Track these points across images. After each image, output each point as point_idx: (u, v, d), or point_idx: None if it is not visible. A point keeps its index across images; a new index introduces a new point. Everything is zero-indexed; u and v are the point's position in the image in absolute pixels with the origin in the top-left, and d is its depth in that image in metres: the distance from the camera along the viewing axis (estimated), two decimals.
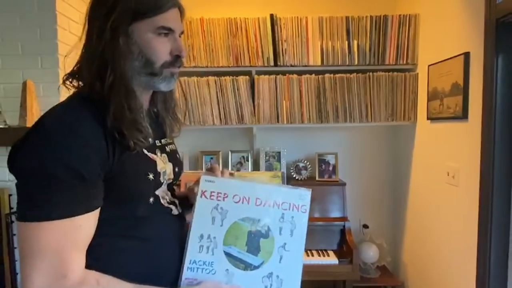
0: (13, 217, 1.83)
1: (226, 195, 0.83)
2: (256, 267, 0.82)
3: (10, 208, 1.84)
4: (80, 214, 0.66)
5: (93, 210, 0.68)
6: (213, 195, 0.83)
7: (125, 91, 0.73)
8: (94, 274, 0.68)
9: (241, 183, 0.86)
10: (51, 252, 0.63)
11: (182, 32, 0.82)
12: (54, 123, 0.68)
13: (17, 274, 1.85)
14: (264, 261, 0.82)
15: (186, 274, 0.80)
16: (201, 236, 0.82)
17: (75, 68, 0.77)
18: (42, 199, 0.64)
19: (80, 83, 0.77)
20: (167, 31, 0.76)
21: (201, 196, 0.83)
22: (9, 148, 1.84)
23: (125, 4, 0.72)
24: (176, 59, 0.78)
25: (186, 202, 0.92)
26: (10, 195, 1.85)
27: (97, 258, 0.71)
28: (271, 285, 0.82)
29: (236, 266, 0.81)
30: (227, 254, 0.82)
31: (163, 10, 0.75)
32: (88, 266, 0.69)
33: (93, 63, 0.73)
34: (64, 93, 1.95)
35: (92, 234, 0.69)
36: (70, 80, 0.77)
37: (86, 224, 0.68)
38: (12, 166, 0.68)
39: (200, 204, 0.83)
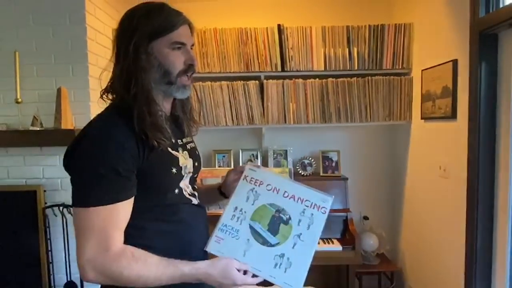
0: (47, 211, 2.01)
1: (262, 183, 1.01)
2: (272, 245, 0.94)
3: (45, 202, 2.03)
4: (118, 201, 0.82)
5: (128, 199, 0.85)
6: (252, 181, 1.02)
7: (146, 100, 0.87)
8: (130, 248, 0.84)
9: (276, 177, 1.03)
10: (97, 230, 0.81)
11: (193, 44, 0.96)
12: (96, 132, 0.86)
13: (52, 262, 2.04)
14: (279, 242, 0.94)
15: (217, 232, 0.96)
16: (236, 208, 0.99)
17: (108, 84, 0.94)
18: (89, 190, 0.82)
19: (114, 95, 0.94)
20: (180, 45, 0.91)
21: (243, 179, 1.03)
22: (44, 148, 2.05)
23: (143, 28, 0.88)
24: (189, 67, 0.93)
25: (203, 196, 1.09)
26: (44, 191, 2.03)
27: (137, 236, 0.88)
28: (280, 264, 0.92)
29: (256, 239, 0.95)
30: (251, 227, 0.96)
31: (175, 28, 0.90)
32: (130, 242, 0.86)
33: (121, 79, 0.89)
34: (93, 98, 2.17)
35: (128, 217, 0.86)
36: (106, 94, 0.94)
37: (123, 210, 0.84)
38: (67, 165, 0.87)
39: (241, 185, 1.02)
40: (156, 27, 0.89)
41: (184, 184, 0.97)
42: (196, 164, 1.04)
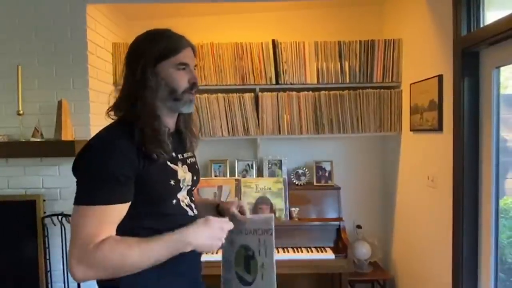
0: (46, 220, 2.05)
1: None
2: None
3: (44, 212, 2.07)
4: (112, 204, 0.89)
5: (121, 203, 0.90)
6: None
7: (150, 116, 0.95)
8: (112, 236, 0.88)
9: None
10: (88, 226, 0.87)
11: (196, 65, 1.06)
12: (100, 142, 0.95)
13: (50, 271, 2.07)
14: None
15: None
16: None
17: (116, 102, 1.02)
18: (87, 190, 0.89)
19: (120, 112, 1.01)
20: (184, 66, 1.00)
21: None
22: (44, 158, 2.10)
23: (150, 52, 0.97)
24: (193, 85, 1.02)
25: (201, 208, 1.16)
26: (44, 200, 2.08)
27: None
28: None
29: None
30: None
31: (179, 51, 0.99)
32: None
33: (128, 97, 0.98)
34: (93, 110, 2.24)
35: (119, 220, 0.92)
36: (113, 111, 1.02)
37: (115, 212, 0.90)
38: (74, 169, 0.94)
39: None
40: (162, 50, 0.98)
41: (182, 195, 1.04)
42: (195, 178, 1.11)
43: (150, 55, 0.97)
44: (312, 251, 2.23)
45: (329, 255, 2.18)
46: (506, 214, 1.61)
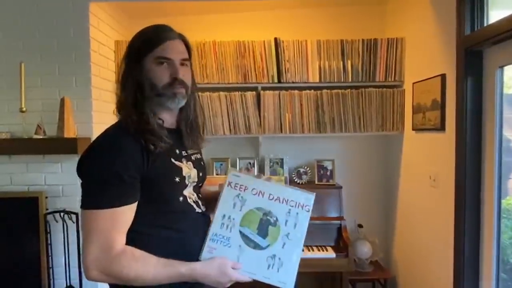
0: (48, 217, 2.07)
1: (246, 188, 1.03)
2: (263, 248, 1.00)
3: (46, 208, 2.09)
4: (121, 206, 0.90)
5: (130, 204, 0.92)
6: (236, 186, 1.03)
7: (137, 111, 0.96)
8: (130, 249, 0.90)
9: (259, 181, 1.05)
10: (101, 232, 0.88)
11: (185, 59, 1.01)
12: (104, 142, 0.95)
13: (51, 267, 2.08)
14: (270, 244, 1.00)
15: (209, 243, 1.00)
16: (224, 216, 1.01)
17: (117, 99, 1.03)
18: (95, 194, 0.89)
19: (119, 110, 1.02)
20: (164, 60, 0.97)
21: (227, 186, 1.04)
22: (47, 155, 2.11)
23: (133, 47, 0.99)
24: (174, 81, 0.98)
25: (209, 203, 1.14)
26: (46, 197, 2.09)
27: (139, 241, 0.93)
28: (273, 265, 0.98)
29: (247, 244, 1.00)
30: (241, 233, 1.00)
31: (159, 43, 0.97)
32: (132, 246, 0.91)
33: (120, 94, 1.00)
34: (95, 108, 2.24)
35: (130, 221, 0.92)
36: (118, 111, 1.02)
37: (125, 214, 0.91)
38: (78, 171, 0.94)
39: (226, 192, 1.03)
40: (142, 45, 0.98)
41: (189, 192, 1.04)
42: (201, 174, 1.11)
43: (134, 50, 0.99)
44: (313, 250, 2.23)
45: (330, 254, 2.18)
46: (508, 214, 1.60)
